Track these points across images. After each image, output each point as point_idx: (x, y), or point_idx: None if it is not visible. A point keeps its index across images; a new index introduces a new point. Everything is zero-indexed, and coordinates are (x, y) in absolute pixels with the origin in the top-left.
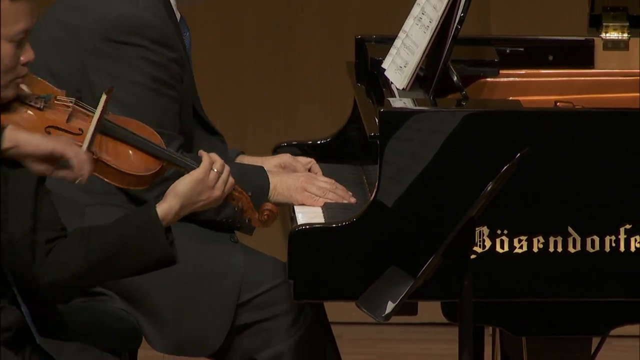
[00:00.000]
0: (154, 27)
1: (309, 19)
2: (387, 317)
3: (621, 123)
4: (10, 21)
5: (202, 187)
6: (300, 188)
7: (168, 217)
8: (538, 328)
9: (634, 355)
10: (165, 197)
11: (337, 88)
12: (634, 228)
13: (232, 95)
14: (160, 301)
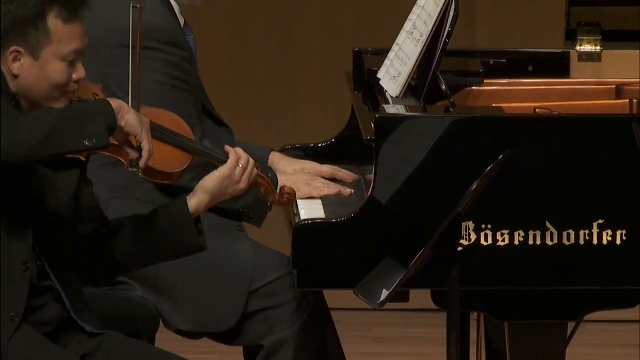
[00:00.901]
0: (163, 29)
1: (310, 33)
2: (382, 304)
3: (594, 127)
4: (63, 42)
5: (228, 182)
6: (305, 182)
7: (199, 209)
8: (519, 313)
9: (606, 338)
10: (196, 192)
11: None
12: (606, 223)
13: (241, 101)
14: (179, 285)
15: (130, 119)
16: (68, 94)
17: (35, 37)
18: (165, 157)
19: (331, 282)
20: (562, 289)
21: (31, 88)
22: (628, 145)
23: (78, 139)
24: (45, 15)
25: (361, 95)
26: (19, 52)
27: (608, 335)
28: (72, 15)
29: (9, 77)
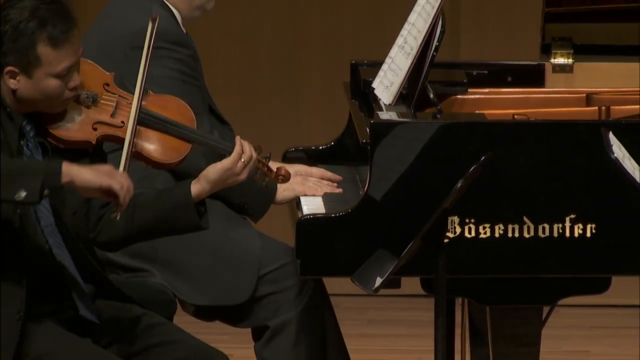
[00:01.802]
0: (170, 32)
1: (311, 47)
2: (376, 290)
3: (567, 132)
4: (53, 63)
5: (229, 174)
6: (300, 183)
7: (201, 195)
8: (499, 298)
9: (577, 321)
10: (199, 179)
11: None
12: (577, 218)
13: (249, 109)
14: (194, 266)
15: (85, 177)
16: (66, 100)
17: (27, 61)
18: (164, 147)
19: (330, 270)
20: (538, 277)
21: (30, 100)
22: (597, 147)
23: (12, 190)
24: (36, 43)
25: (358, 103)
26: (14, 71)
27: (579, 318)
28: (62, 38)
29: (8, 90)
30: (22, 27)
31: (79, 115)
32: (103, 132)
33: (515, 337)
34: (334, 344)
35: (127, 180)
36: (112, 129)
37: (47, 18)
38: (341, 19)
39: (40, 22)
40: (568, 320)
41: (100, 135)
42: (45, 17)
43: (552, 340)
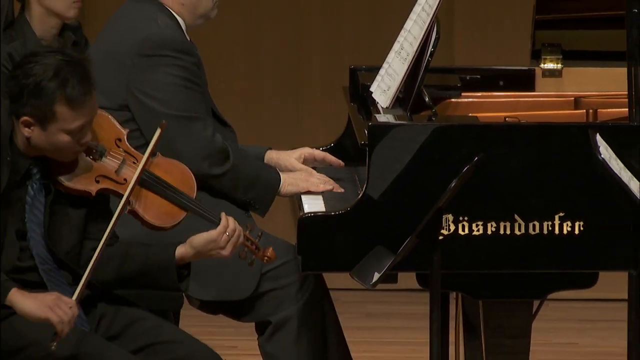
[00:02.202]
0: (175, 40)
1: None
2: (374, 285)
3: (556, 134)
4: (69, 121)
5: (213, 246)
6: (304, 179)
7: (184, 259)
8: (491, 293)
9: (566, 314)
10: (185, 244)
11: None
12: (566, 216)
13: (253, 112)
14: (200, 262)
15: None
16: (76, 153)
17: (44, 115)
18: (161, 212)
19: (330, 266)
20: (528, 272)
21: (41, 149)
22: (585, 149)
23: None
24: (54, 102)
25: (356, 106)
26: (30, 122)
27: (568, 311)
28: (80, 99)
29: (22, 135)
30: (43, 84)
31: (85, 166)
32: (104, 185)
33: (506, 330)
34: (334, 336)
35: (69, 312)
36: (113, 184)
37: (68, 80)
38: (340, 27)
39: (61, 82)
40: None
41: (101, 189)
42: (67, 78)
43: (542, 333)
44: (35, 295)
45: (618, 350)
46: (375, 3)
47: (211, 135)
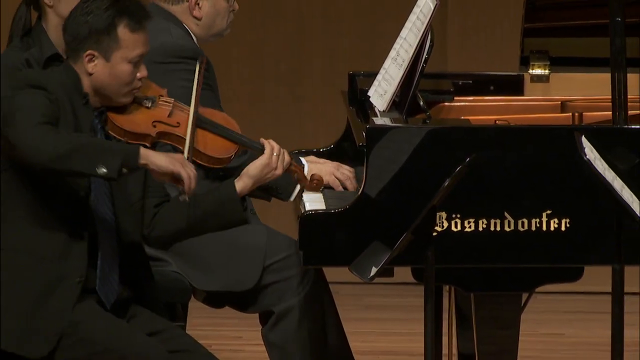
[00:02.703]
0: (186, 47)
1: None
2: (372, 278)
3: (544, 136)
4: (130, 47)
5: (267, 169)
6: (329, 172)
7: (244, 191)
8: (483, 286)
9: (553, 306)
10: (242, 177)
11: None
12: (553, 213)
13: (256, 114)
14: (206, 256)
15: (159, 162)
16: (133, 90)
17: (108, 43)
18: (216, 146)
19: (330, 260)
20: (517, 267)
21: (103, 85)
22: (571, 150)
23: (93, 165)
24: (116, 26)
25: (355, 109)
26: (93, 55)
27: (555, 304)
28: (138, 25)
29: (85, 75)
30: (103, 14)
31: (141, 113)
32: (161, 129)
33: (496, 321)
34: (334, 327)
35: (193, 171)
36: (169, 128)
37: (125, 8)
38: (340, 34)
39: (120, 10)
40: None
41: (159, 132)
42: (124, 7)
43: (530, 324)
44: (163, 153)
45: (602, 340)
46: (373, 12)
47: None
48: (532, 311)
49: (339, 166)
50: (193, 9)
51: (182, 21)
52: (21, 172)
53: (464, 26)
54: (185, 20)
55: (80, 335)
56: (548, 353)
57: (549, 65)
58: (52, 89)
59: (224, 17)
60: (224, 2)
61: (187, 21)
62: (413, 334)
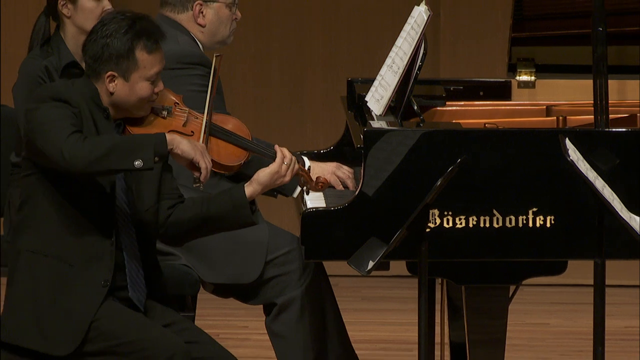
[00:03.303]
0: (192, 54)
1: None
2: (369, 272)
3: (530, 138)
4: (147, 67)
5: (277, 177)
6: (330, 172)
7: (253, 196)
8: (473, 278)
9: (540, 298)
10: (252, 182)
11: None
12: (538, 211)
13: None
14: (213, 251)
15: (184, 148)
16: (151, 102)
17: (127, 65)
18: (227, 153)
19: (330, 255)
20: (505, 261)
21: (123, 101)
22: (555, 151)
23: (130, 161)
24: (134, 49)
25: (353, 114)
26: (114, 75)
27: (540, 295)
28: (155, 46)
29: (106, 94)
30: (122, 37)
31: (157, 123)
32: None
33: (486, 311)
34: (333, 317)
35: (210, 162)
36: (183, 137)
37: (142, 30)
38: (339, 44)
39: (137, 33)
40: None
41: None
42: (140, 29)
43: (517, 314)
44: (189, 139)
45: (584, 329)
46: (370, 23)
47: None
48: (519, 302)
49: (339, 166)
50: (197, 17)
51: (188, 29)
52: (47, 176)
53: (455, 35)
54: (191, 28)
55: (103, 330)
56: (534, 342)
57: (534, 72)
58: (74, 103)
59: (227, 25)
60: (226, 10)
61: (192, 29)
62: (408, 324)
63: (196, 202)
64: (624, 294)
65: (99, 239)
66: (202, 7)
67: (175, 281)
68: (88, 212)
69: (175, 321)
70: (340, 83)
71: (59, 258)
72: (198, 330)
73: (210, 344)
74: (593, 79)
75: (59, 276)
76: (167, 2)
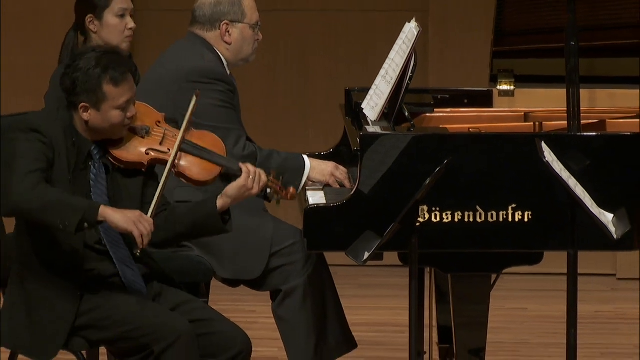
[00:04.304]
0: (215, 71)
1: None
2: (365, 262)
3: (509, 142)
4: (116, 98)
5: (244, 190)
6: (329, 173)
7: (224, 207)
8: (458, 268)
9: (518, 285)
10: (222, 196)
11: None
12: (517, 207)
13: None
14: (222, 247)
15: (115, 220)
16: (126, 126)
17: (96, 97)
18: (200, 169)
19: (330, 246)
20: (487, 252)
21: (98, 128)
22: (532, 153)
23: (55, 220)
24: (102, 83)
25: (350, 119)
26: (86, 106)
27: (519, 283)
28: (121, 77)
29: (81, 122)
30: (90, 72)
31: (136, 143)
32: (153, 155)
33: (470, 297)
34: (332, 303)
35: (147, 228)
36: (160, 154)
37: (109, 64)
38: (338, 58)
39: (104, 68)
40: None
41: (151, 159)
42: (107, 64)
43: (498, 300)
44: (121, 211)
45: (558, 314)
46: (365, 38)
47: (243, 142)
48: (500, 289)
49: (337, 167)
50: (224, 36)
51: (215, 47)
52: None
53: (442, 49)
54: (218, 46)
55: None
56: (513, 325)
57: (514, 82)
58: (47, 133)
59: (250, 44)
60: (250, 31)
61: (219, 47)
62: (400, 309)
63: (178, 212)
64: (595, 282)
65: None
66: (229, 26)
67: (190, 270)
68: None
69: (187, 301)
70: (339, 92)
71: (47, 268)
72: (208, 309)
73: (220, 320)
74: (566, 88)
75: (43, 286)
76: (197, 20)
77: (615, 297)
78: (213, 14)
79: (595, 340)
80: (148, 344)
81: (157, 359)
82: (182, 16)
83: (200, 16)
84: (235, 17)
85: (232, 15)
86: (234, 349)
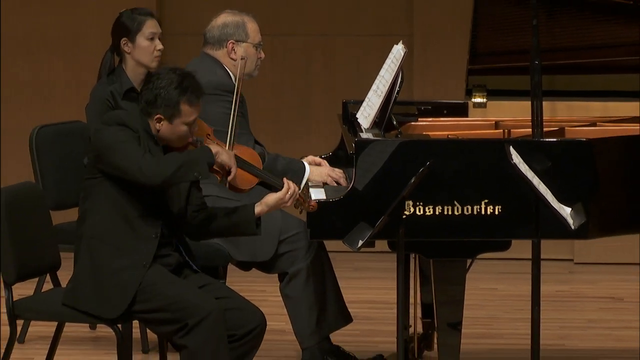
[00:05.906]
0: (226, 84)
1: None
2: (359, 248)
3: (482, 146)
4: (187, 115)
5: (281, 202)
6: (326, 174)
7: (260, 214)
8: (438, 253)
9: (490, 269)
10: (261, 203)
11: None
12: (489, 202)
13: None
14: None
15: (223, 157)
16: (188, 139)
17: (172, 113)
18: (242, 179)
19: (329, 235)
20: (463, 240)
21: (166, 137)
22: (502, 156)
23: (191, 174)
24: (180, 102)
25: (347, 127)
26: (161, 118)
27: (490, 266)
28: (196, 100)
29: (153, 129)
30: (172, 90)
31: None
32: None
33: (448, 279)
34: (331, 284)
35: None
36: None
37: (188, 87)
38: (336, 74)
39: (184, 89)
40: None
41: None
42: (187, 86)
43: (472, 281)
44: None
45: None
46: (360, 58)
47: (252, 145)
48: (474, 272)
49: (332, 169)
50: (230, 53)
51: (223, 63)
52: (107, 180)
53: (425, 67)
54: (226, 62)
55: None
56: (485, 302)
57: (486, 96)
58: (134, 128)
59: (253, 61)
60: (253, 49)
61: (227, 63)
62: (389, 288)
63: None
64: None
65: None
66: (234, 45)
67: (210, 255)
68: (137, 209)
69: (209, 282)
70: (337, 104)
71: (111, 244)
72: (227, 288)
73: (237, 297)
74: (531, 101)
75: (111, 258)
76: (208, 41)
77: (572, 279)
78: (221, 35)
79: (555, 315)
80: (183, 317)
81: (190, 331)
82: (199, 39)
83: (210, 37)
84: (240, 38)
85: (237, 36)
86: (253, 322)
